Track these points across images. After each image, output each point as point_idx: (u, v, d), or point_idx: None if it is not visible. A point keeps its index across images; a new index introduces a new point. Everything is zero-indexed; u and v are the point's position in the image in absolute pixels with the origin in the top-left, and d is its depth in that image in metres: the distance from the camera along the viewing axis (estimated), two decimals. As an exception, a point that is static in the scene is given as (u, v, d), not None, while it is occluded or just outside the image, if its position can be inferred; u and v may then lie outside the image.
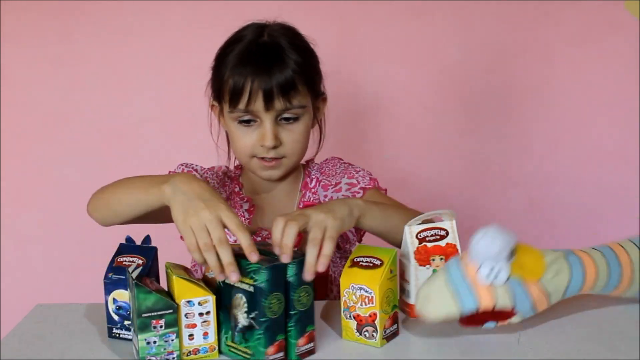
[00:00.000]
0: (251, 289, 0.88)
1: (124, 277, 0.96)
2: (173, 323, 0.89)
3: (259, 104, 1.10)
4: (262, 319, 0.87)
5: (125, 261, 0.98)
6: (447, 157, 1.94)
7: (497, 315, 0.92)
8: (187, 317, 0.90)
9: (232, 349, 0.92)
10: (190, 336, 0.90)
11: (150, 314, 0.87)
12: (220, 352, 0.93)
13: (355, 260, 0.95)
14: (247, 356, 0.90)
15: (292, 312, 0.89)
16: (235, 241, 0.90)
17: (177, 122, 1.89)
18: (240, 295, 0.89)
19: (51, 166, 1.92)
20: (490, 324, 0.93)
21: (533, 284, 0.91)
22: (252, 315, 0.88)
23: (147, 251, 1.00)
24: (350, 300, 0.94)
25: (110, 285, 0.96)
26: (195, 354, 0.91)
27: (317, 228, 0.92)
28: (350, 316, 0.95)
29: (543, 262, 0.92)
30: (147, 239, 1.04)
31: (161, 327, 0.88)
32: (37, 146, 1.91)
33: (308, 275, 0.88)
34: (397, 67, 1.90)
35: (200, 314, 0.90)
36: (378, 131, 1.93)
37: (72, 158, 1.91)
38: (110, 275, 0.96)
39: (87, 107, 1.89)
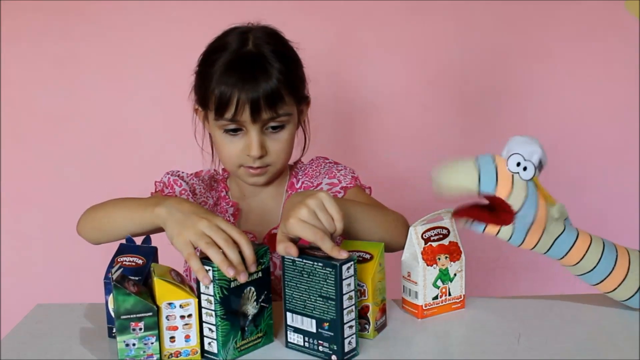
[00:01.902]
0: (260, 274, 0.90)
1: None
2: (153, 326, 0.88)
3: (245, 115, 1.11)
4: (271, 295, 0.91)
5: (125, 261, 0.98)
6: (447, 157, 1.93)
7: (495, 216, 0.92)
8: (168, 319, 0.89)
9: (244, 346, 0.91)
10: (172, 338, 0.90)
11: (129, 316, 0.87)
12: None
13: None
14: (259, 340, 0.92)
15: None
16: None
17: (176, 122, 1.88)
18: (249, 288, 0.90)
19: (51, 166, 1.91)
20: (479, 226, 0.93)
21: (544, 203, 0.92)
22: (262, 298, 0.91)
23: (147, 251, 1.00)
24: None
25: (110, 285, 0.96)
26: (177, 357, 0.90)
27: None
28: None
29: (554, 202, 0.94)
30: (147, 239, 1.04)
31: (140, 329, 0.87)
32: (37, 146, 1.91)
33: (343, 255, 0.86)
34: (397, 66, 1.90)
35: (182, 317, 0.89)
36: (378, 131, 1.93)
37: (72, 158, 1.90)
38: (110, 275, 0.96)
39: (87, 107, 1.89)
